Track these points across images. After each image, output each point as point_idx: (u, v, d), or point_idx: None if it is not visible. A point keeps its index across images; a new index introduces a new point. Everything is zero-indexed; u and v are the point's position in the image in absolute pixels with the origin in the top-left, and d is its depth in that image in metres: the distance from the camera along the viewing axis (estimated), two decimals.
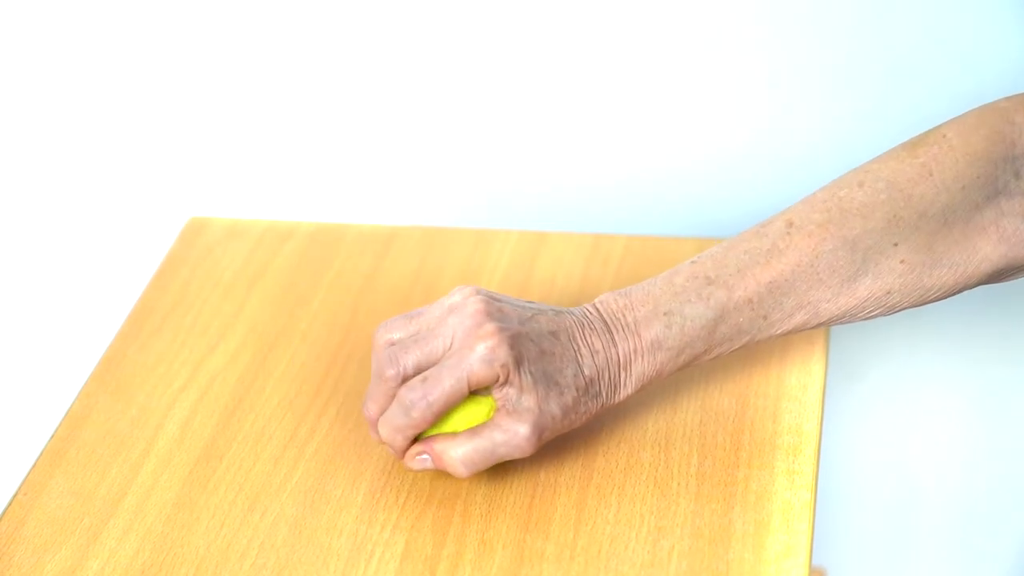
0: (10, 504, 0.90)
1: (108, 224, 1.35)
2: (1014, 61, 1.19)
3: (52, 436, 0.95)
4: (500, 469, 0.89)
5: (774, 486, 0.87)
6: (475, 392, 0.85)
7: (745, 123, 1.25)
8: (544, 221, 1.25)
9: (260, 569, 0.85)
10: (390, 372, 0.85)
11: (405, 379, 0.85)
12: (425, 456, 0.86)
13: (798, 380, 0.94)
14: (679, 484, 0.87)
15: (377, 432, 0.87)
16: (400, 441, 0.86)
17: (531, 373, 0.84)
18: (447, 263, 1.07)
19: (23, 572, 0.86)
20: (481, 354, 0.83)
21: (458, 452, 0.85)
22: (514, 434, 0.84)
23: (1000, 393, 1.40)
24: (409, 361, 0.85)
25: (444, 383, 0.83)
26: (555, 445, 0.90)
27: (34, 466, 0.93)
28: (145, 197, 1.34)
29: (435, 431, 0.86)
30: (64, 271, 1.38)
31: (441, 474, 0.89)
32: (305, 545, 0.86)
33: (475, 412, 0.85)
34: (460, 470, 0.85)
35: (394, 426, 0.85)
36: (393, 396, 0.86)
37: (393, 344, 0.86)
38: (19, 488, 0.91)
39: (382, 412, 0.86)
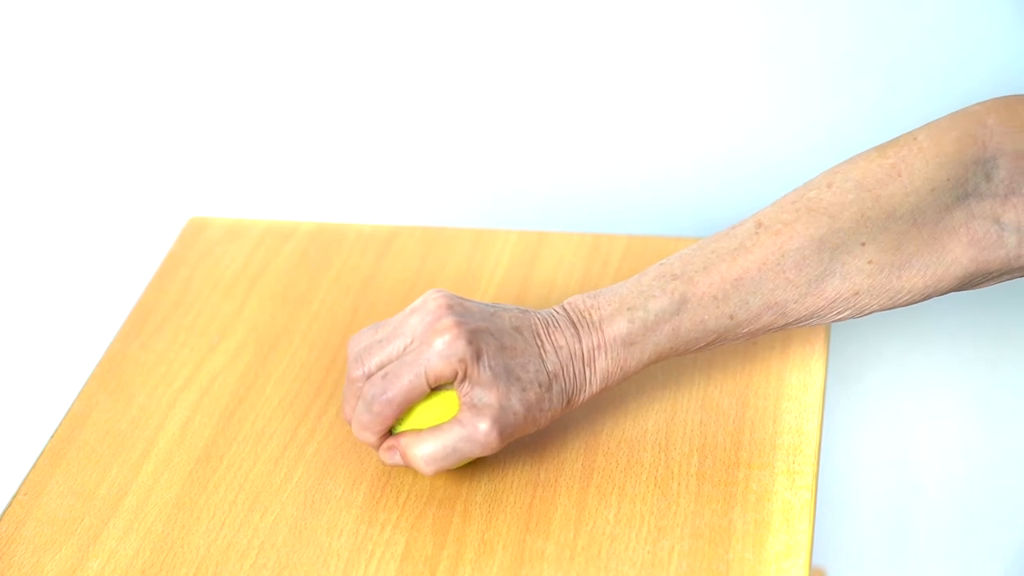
0: (10, 504, 0.90)
1: (108, 224, 1.35)
2: (1012, 61, 1.19)
3: (52, 436, 0.95)
4: (500, 469, 0.89)
5: (774, 486, 0.87)
6: (444, 389, 0.85)
7: (745, 123, 1.25)
8: (544, 221, 1.25)
9: (260, 569, 0.85)
10: (356, 373, 0.86)
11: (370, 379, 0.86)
12: (395, 450, 0.87)
13: (798, 380, 0.94)
14: (679, 484, 0.87)
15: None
16: (370, 438, 0.87)
17: (491, 368, 0.84)
18: (447, 263, 1.07)
19: (23, 572, 0.86)
20: (439, 349, 0.84)
21: (421, 450, 0.85)
22: (475, 430, 0.84)
23: (1000, 393, 1.40)
24: (373, 362, 0.86)
25: (402, 378, 0.84)
26: (555, 445, 0.90)
27: (34, 466, 0.93)
28: (145, 197, 1.34)
29: (407, 428, 0.86)
30: (64, 271, 1.38)
31: (441, 474, 0.89)
32: (305, 545, 0.86)
33: (445, 409, 0.85)
34: (423, 468, 0.85)
35: (360, 423, 0.86)
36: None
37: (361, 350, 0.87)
38: (19, 488, 0.91)
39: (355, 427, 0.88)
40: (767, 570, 0.82)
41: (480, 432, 0.84)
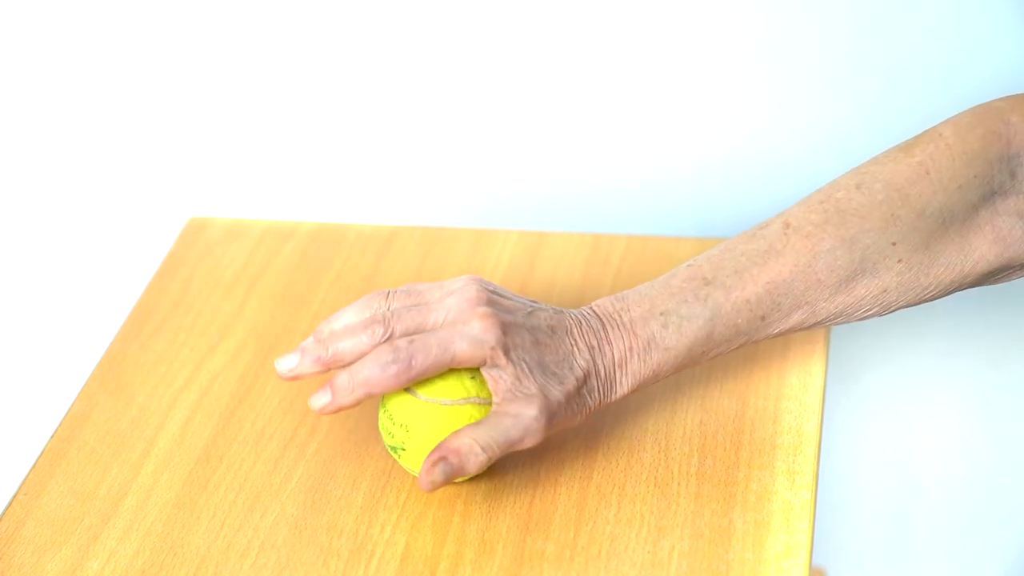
0: (10, 504, 0.90)
1: (108, 224, 1.35)
2: (1013, 61, 1.19)
3: (52, 436, 0.95)
4: (500, 469, 0.89)
5: (774, 486, 0.87)
6: (455, 404, 0.85)
7: (745, 123, 1.25)
8: (544, 221, 1.25)
9: (260, 569, 0.85)
10: (377, 328, 0.84)
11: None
12: (444, 461, 0.83)
13: (798, 380, 0.94)
14: (679, 484, 0.87)
15: (297, 366, 0.85)
16: (358, 395, 0.83)
17: (525, 361, 0.84)
18: (447, 263, 1.07)
19: (23, 572, 0.86)
20: (474, 331, 0.83)
21: (476, 436, 0.83)
22: (522, 417, 0.83)
23: (1000, 393, 1.40)
24: (398, 327, 0.84)
25: (431, 349, 0.83)
26: (555, 445, 0.90)
27: (34, 466, 0.93)
28: (145, 197, 1.34)
29: (414, 425, 0.85)
30: (64, 271, 1.38)
31: None
32: (305, 545, 0.86)
33: (458, 412, 0.85)
34: (480, 457, 0.83)
35: (362, 378, 0.83)
36: (361, 352, 0.84)
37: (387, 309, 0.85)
38: (19, 488, 0.91)
39: (337, 358, 0.84)
40: (767, 570, 0.82)
41: (529, 418, 0.83)
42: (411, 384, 0.84)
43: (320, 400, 0.84)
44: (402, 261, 1.08)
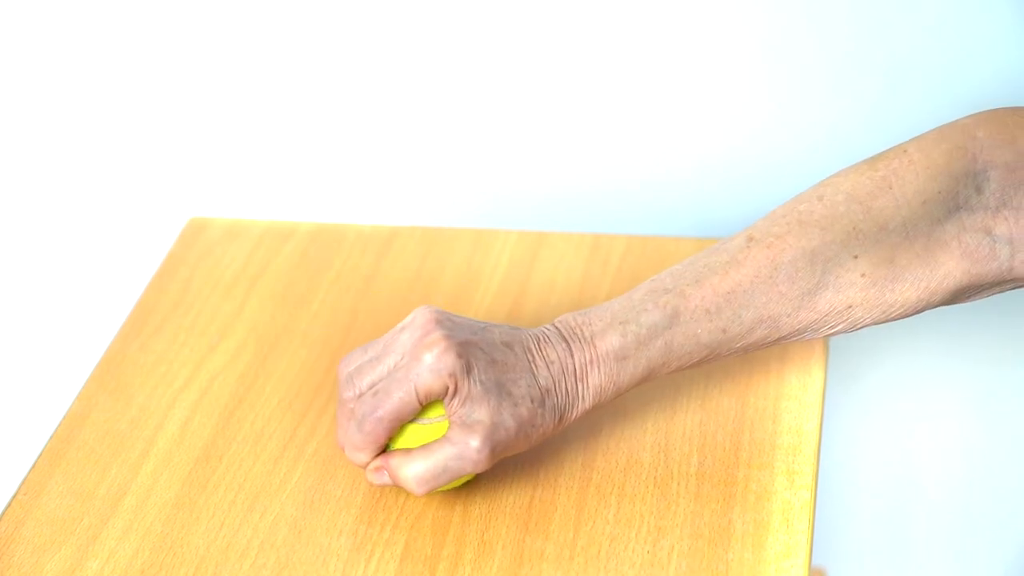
0: (10, 504, 0.90)
1: (108, 224, 1.35)
2: (1013, 61, 1.19)
3: (52, 436, 0.95)
4: (500, 469, 0.89)
5: (774, 486, 0.87)
6: (437, 420, 0.84)
7: (745, 123, 1.25)
8: (544, 221, 1.25)
9: (260, 569, 0.85)
10: (347, 394, 0.85)
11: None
12: (384, 471, 0.86)
13: (798, 380, 0.94)
14: (679, 484, 0.87)
15: (360, 465, 0.87)
16: (363, 459, 0.86)
17: (482, 382, 0.83)
18: (447, 263, 1.07)
19: (23, 572, 0.86)
20: (428, 363, 0.83)
21: (411, 470, 0.84)
22: (465, 447, 0.83)
23: (1000, 394, 1.40)
24: (364, 382, 0.85)
25: (392, 395, 0.83)
26: (555, 445, 0.90)
27: (34, 466, 0.93)
28: (145, 197, 1.34)
29: (396, 445, 0.85)
30: (64, 271, 1.38)
31: None
32: (305, 545, 0.86)
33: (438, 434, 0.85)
34: (414, 488, 0.84)
35: (352, 444, 0.85)
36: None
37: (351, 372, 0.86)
38: (19, 488, 0.91)
39: (345, 443, 0.87)
40: (767, 570, 0.82)
41: (471, 449, 0.83)
42: None
43: (369, 478, 0.87)
44: (402, 261, 1.08)
